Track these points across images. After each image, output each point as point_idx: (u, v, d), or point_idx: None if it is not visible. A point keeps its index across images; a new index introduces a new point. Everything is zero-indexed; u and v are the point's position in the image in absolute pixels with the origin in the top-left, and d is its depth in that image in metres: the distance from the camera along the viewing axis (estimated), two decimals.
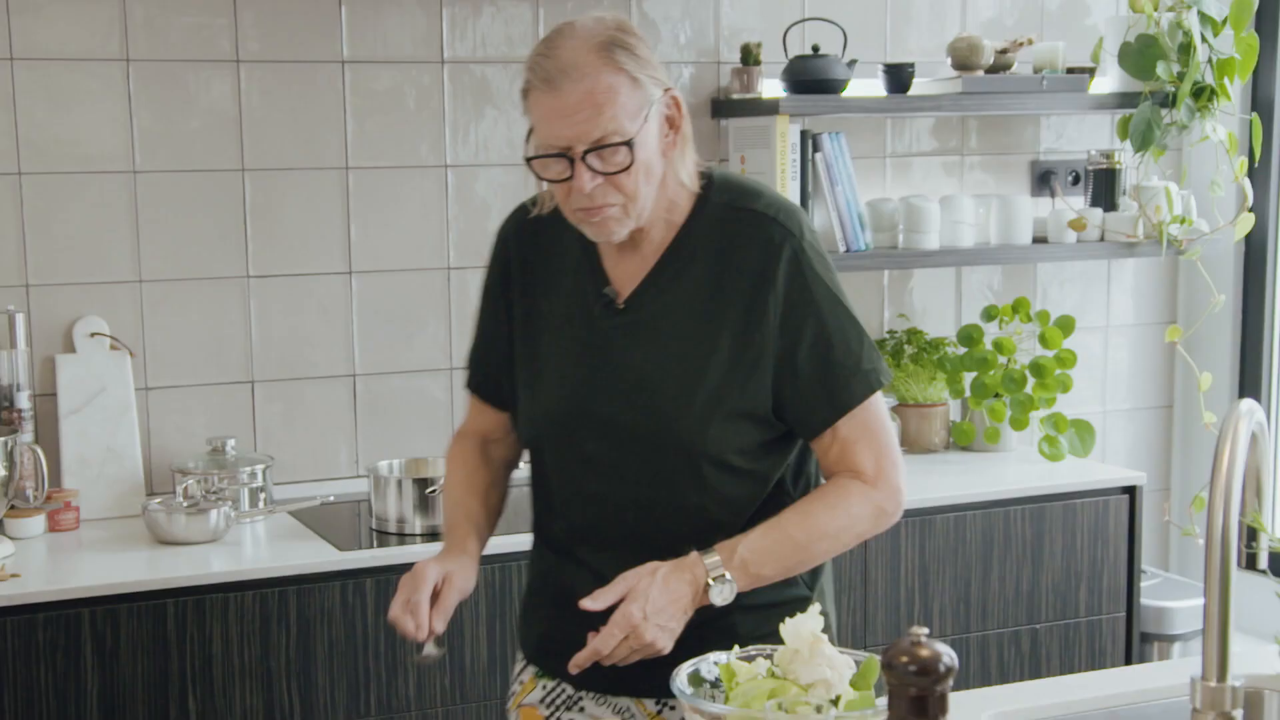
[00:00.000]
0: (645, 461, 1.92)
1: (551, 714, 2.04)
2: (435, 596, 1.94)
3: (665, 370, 1.91)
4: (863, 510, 1.92)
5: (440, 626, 1.92)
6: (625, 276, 1.96)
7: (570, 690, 2.02)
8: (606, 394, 1.93)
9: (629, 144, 1.82)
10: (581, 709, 2.02)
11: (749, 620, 1.91)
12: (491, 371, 2.09)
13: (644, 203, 1.87)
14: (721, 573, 1.82)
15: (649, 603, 1.79)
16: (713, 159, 3.50)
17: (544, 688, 2.05)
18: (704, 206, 1.94)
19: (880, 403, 1.95)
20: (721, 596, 1.83)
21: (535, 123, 1.85)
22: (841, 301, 1.93)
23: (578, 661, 1.81)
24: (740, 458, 1.92)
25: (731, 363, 1.89)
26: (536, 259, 2.03)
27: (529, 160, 1.87)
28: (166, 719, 2.64)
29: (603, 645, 1.79)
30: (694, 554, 1.84)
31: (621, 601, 1.80)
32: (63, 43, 3.01)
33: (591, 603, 1.80)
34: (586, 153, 1.82)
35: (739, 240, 1.91)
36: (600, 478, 1.95)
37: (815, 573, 2.02)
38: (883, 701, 1.51)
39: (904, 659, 1.40)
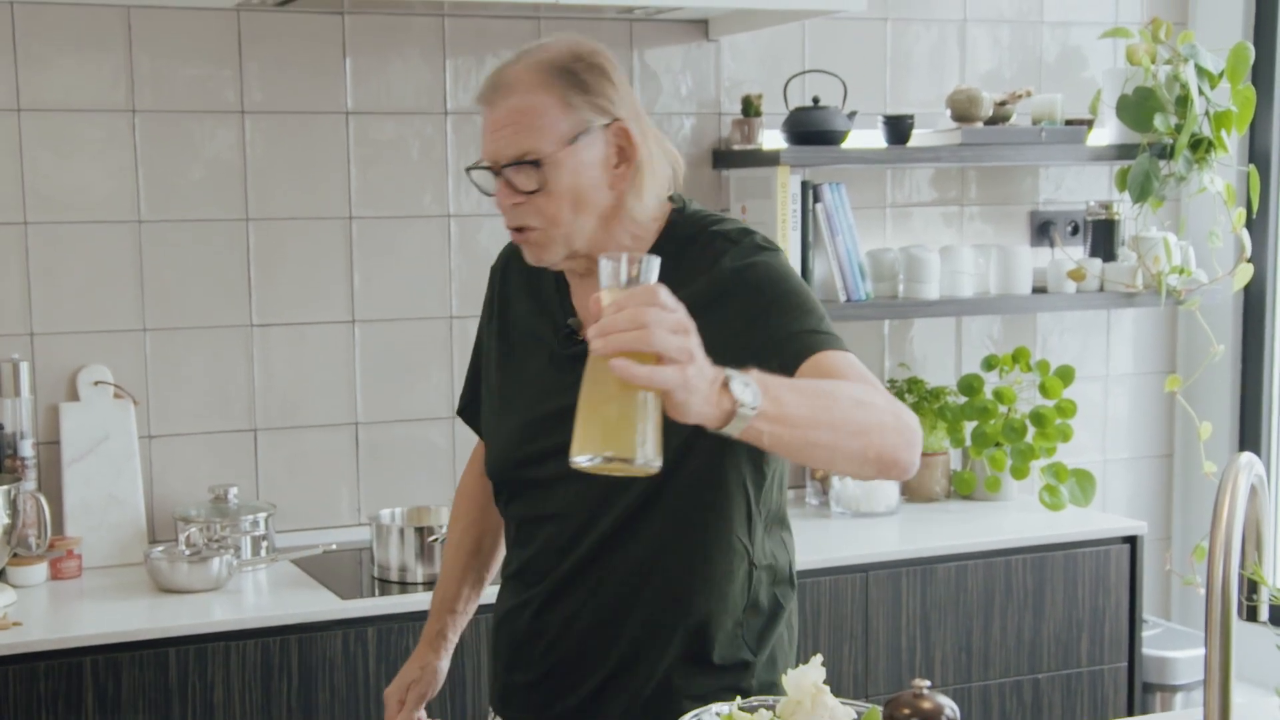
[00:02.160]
0: (584, 499, 1.85)
1: None
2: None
3: None
4: (883, 401, 1.66)
5: None
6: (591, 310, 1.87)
7: None
8: (552, 429, 1.83)
9: (537, 164, 1.77)
10: None
11: (696, 680, 1.85)
12: (474, 399, 2.11)
13: (570, 229, 1.80)
14: (740, 373, 1.50)
15: (667, 317, 1.43)
16: (714, 209, 3.52)
17: None
18: (668, 240, 1.88)
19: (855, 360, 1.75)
20: (745, 388, 1.47)
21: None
22: (801, 285, 1.82)
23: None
24: (693, 489, 1.83)
25: None
26: (519, 291, 2.02)
27: (468, 170, 1.88)
28: None
29: (607, 318, 1.43)
30: None
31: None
32: (69, 94, 3.04)
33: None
34: (503, 169, 1.80)
35: (698, 263, 1.84)
36: (544, 516, 1.91)
37: (762, 638, 1.91)
38: None
39: (906, 711, 1.41)
